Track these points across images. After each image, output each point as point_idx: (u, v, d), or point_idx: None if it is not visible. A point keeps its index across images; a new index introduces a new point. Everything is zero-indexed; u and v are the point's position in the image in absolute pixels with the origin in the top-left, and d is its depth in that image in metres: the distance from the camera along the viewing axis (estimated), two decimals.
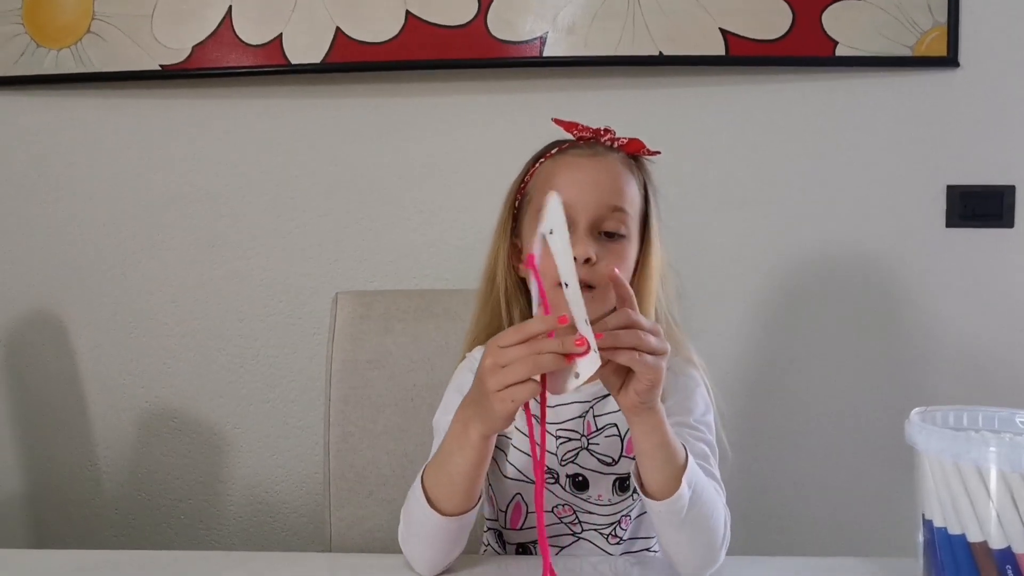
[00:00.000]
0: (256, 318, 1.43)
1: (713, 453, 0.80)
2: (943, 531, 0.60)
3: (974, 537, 0.58)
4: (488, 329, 0.88)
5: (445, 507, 0.73)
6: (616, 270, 0.67)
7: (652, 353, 0.64)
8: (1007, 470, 0.57)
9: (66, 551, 0.88)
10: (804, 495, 1.38)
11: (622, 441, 0.83)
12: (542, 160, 0.86)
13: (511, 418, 0.66)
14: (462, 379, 0.87)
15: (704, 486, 0.72)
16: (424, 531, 0.75)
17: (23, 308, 1.45)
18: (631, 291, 0.68)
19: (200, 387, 1.44)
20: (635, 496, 0.84)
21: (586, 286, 0.78)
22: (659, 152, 0.87)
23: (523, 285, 0.87)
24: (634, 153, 0.86)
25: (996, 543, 0.57)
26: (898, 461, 0.73)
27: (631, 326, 0.64)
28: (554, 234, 0.63)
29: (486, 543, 0.92)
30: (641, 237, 0.84)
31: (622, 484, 0.83)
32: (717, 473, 0.79)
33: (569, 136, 0.86)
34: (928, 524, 0.61)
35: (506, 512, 0.86)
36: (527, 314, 0.86)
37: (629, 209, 0.82)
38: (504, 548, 0.89)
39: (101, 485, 1.46)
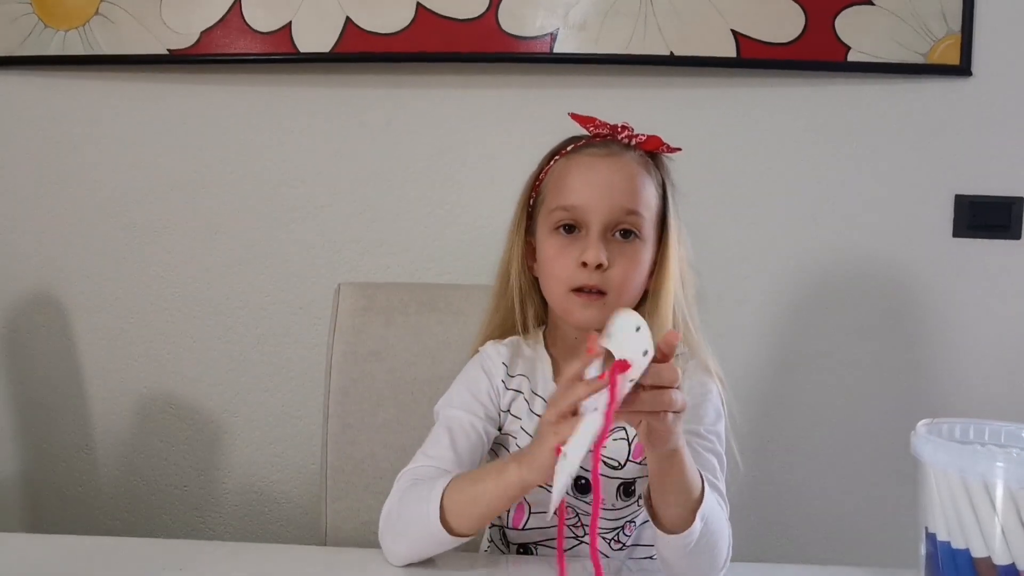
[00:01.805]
0: (257, 307, 1.42)
1: (721, 465, 0.79)
2: (946, 545, 0.59)
3: (978, 552, 0.58)
4: (502, 327, 0.87)
5: (455, 526, 0.72)
6: (677, 335, 0.65)
7: (675, 412, 0.62)
8: (1014, 486, 0.56)
9: (61, 536, 0.87)
10: (807, 502, 1.38)
11: (630, 445, 0.82)
12: (557, 157, 0.84)
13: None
14: (472, 374, 0.86)
15: (715, 515, 0.70)
16: (416, 534, 0.74)
17: (24, 291, 1.45)
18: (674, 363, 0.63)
19: (199, 374, 1.43)
20: (640, 503, 0.83)
21: (597, 291, 0.78)
22: (679, 149, 0.84)
23: (537, 284, 0.85)
24: (652, 151, 0.83)
25: (1000, 559, 0.57)
26: (902, 471, 0.73)
27: (671, 386, 0.61)
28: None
29: (490, 539, 0.92)
30: (660, 237, 0.82)
31: (627, 489, 0.82)
32: (723, 487, 0.78)
33: (585, 132, 0.84)
34: (931, 537, 0.61)
35: (509, 511, 0.86)
36: (541, 313, 0.87)
37: (644, 212, 0.80)
38: (507, 546, 0.88)
39: (97, 470, 1.46)
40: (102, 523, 1.45)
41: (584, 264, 0.77)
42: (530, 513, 0.85)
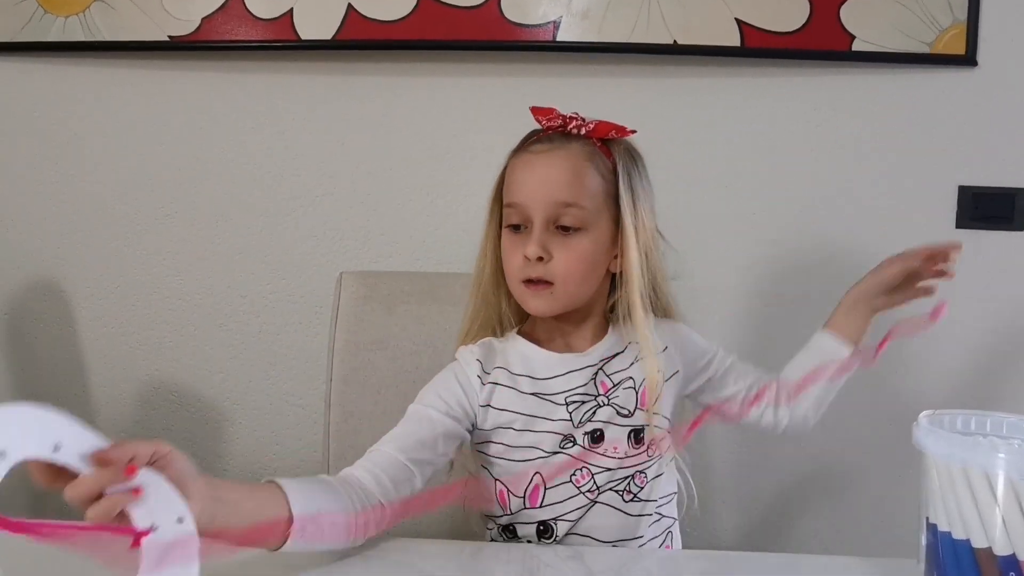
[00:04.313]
0: (259, 295, 1.42)
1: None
2: (947, 535, 0.59)
3: (978, 543, 0.58)
4: (478, 319, 0.91)
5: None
6: None
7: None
8: (1015, 477, 0.56)
9: (64, 522, 0.87)
10: (805, 494, 1.38)
11: (637, 393, 0.85)
12: (514, 155, 0.88)
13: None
14: (442, 376, 0.88)
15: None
16: None
17: (26, 277, 1.45)
18: None
19: (201, 362, 1.43)
20: (650, 452, 0.86)
21: (544, 283, 0.82)
22: (634, 131, 0.87)
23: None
24: (601, 138, 0.86)
25: (1001, 549, 0.57)
26: (902, 463, 0.73)
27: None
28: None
29: (490, 528, 0.92)
30: (618, 220, 0.85)
31: (637, 436, 0.85)
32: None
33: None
34: (932, 528, 0.61)
35: (523, 498, 0.86)
36: (511, 300, 0.89)
37: (585, 203, 0.82)
38: (514, 536, 0.88)
39: None
40: None
41: (527, 257, 0.82)
42: (545, 489, 0.85)
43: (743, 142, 1.35)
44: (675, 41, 1.30)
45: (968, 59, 1.29)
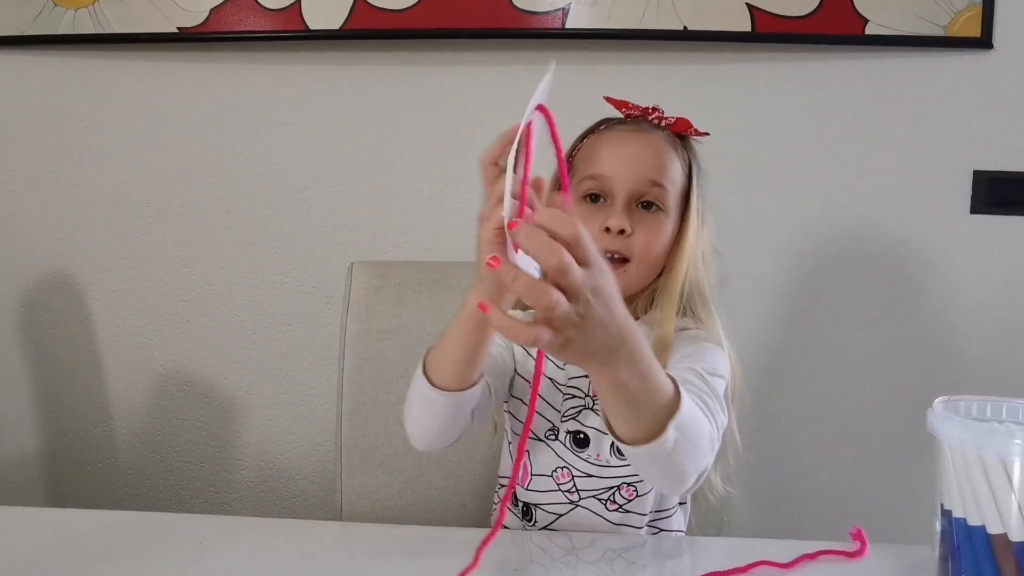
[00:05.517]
0: (270, 286, 1.43)
1: (709, 407, 0.72)
2: (962, 522, 0.59)
3: (994, 529, 0.58)
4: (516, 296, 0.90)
5: (435, 377, 0.73)
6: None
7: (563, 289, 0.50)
8: None
9: (81, 510, 0.89)
10: (820, 479, 1.38)
11: None
12: (589, 136, 0.88)
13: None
14: None
15: (694, 423, 0.63)
16: (414, 404, 0.75)
17: (41, 271, 1.46)
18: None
19: (214, 352, 1.44)
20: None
21: (621, 259, 0.82)
22: (707, 133, 0.88)
23: None
24: (681, 132, 0.88)
25: (1016, 535, 0.57)
26: (917, 449, 0.73)
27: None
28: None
29: (496, 501, 0.94)
30: (683, 216, 0.86)
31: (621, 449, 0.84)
32: (715, 405, 0.73)
33: (618, 114, 0.89)
34: (947, 514, 0.61)
35: (519, 471, 0.88)
36: None
37: (669, 186, 0.84)
38: (517, 505, 0.90)
39: (116, 447, 1.48)
40: (120, 498, 1.48)
41: (607, 230, 0.81)
42: (532, 475, 0.87)
43: (754, 129, 1.34)
44: (685, 27, 1.29)
45: (984, 42, 1.27)
